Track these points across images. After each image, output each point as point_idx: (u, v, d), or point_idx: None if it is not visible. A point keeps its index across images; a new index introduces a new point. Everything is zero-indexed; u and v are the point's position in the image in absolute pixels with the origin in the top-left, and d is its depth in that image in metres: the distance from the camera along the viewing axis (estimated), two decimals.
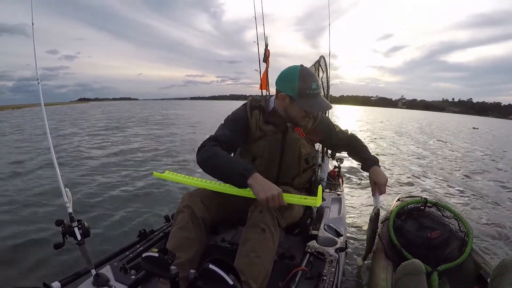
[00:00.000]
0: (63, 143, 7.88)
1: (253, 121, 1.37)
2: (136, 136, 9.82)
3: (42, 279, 0.99)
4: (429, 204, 1.74)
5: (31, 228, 2.71)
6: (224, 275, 0.77)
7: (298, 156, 1.42)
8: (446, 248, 1.51)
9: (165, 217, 1.65)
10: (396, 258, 1.50)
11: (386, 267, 1.45)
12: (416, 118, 39.32)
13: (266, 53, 2.96)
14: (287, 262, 1.44)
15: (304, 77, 1.26)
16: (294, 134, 1.40)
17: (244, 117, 1.38)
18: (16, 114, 27.20)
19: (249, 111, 1.39)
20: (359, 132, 11.25)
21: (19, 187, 3.91)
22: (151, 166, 5.32)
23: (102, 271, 1.06)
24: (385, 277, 1.37)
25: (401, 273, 1.21)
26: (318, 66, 2.70)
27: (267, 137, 1.38)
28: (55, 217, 1.00)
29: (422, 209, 1.75)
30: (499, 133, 23.22)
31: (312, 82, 1.26)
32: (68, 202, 1.03)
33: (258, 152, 1.38)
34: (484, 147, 11.49)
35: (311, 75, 1.29)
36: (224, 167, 1.18)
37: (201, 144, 1.28)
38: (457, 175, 5.82)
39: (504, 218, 3.49)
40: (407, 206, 1.76)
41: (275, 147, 1.39)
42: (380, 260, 1.53)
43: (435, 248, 1.51)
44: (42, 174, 4.49)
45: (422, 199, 1.78)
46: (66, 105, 58.13)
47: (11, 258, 2.24)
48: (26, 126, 14.05)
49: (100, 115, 22.68)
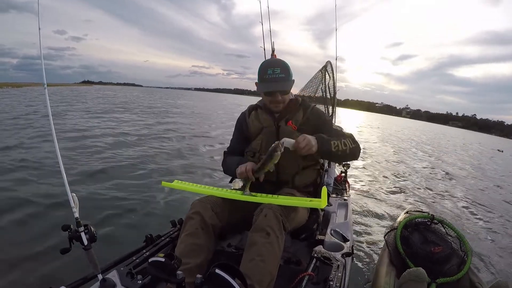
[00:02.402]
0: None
1: (250, 120, 1.58)
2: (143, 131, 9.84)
3: (49, 284, 0.99)
4: (436, 221, 1.82)
5: (37, 233, 2.73)
6: (230, 279, 0.77)
7: (293, 151, 1.42)
8: (446, 264, 1.61)
9: (171, 222, 1.65)
10: (400, 266, 1.60)
11: (390, 272, 1.53)
12: (427, 131, 37.87)
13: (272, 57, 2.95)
14: (294, 267, 1.43)
15: (263, 65, 1.46)
16: (287, 128, 1.47)
17: (242, 120, 1.64)
18: (13, 92, 25.38)
19: (248, 114, 1.62)
20: None
21: (26, 190, 3.94)
22: (160, 172, 5.34)
23: (108, 276, 1.06)
24: (389, 281, 1.45)
25: (405, 278, 1.30)
26: (325, 71, 2.71)
27: (264, 131, 1.52)
28: (62, 222, 1.01)
29: (429, 224, 1.83)
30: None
31: (269, 68, 1.42)
32: (74, 207, 1.04)
33: (257, 147, 1.50)
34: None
35: (270, 62, 1.47)
36: (231, 168, 1.52)
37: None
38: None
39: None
40: (415, 219, 1.84)
41: (271, 141, 1.42)
42: (384, 265, 1.60)
43: (436, 262, 1.61)
44: (49, 179, 4.53)
45: (429, 215, 1.85)
46: (68, 87, 55.78)
47: (18, 263, 2.25)
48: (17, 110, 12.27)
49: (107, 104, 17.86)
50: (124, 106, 17.94)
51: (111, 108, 15.96)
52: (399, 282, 1.33)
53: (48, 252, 2.37)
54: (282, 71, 1.41)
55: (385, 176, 6.08)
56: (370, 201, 4.23)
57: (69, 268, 2.06)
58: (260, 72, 1.45)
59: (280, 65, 1.43)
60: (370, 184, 5.34)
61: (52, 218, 3.09)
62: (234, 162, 1.53)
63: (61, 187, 1.20)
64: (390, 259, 1.64)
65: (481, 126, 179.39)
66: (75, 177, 4.46)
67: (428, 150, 13.25)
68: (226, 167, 1.64)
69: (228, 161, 1.63)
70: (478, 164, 12.29)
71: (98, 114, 12.84)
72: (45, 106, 1.16)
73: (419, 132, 25.78)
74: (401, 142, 14.65)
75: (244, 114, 1.64)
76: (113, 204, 3.56)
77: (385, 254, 1.71)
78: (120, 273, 1.11)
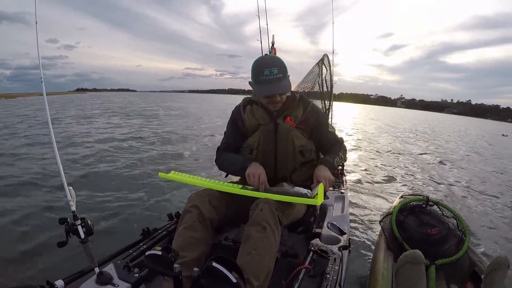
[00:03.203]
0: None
1: (246, 116, 1.51)
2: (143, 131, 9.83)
3: (46, 278, 0.99)
4: (431, 202, 1.81)
5: (34, 226, 2.73)
6: (227, 273, 0.77)
7: (292, 148, 1.43)
8: (444, 245, 1.59)
9: (168, 215, 1.65)
10: (397, 250, 1.59)
11: (388, 258, 1.53)
12: (429, 120, 37.31)
13: (272, 51, 2.93)
14: (290, 260, 1.44)
15: (258, 65, 1.36)
16: (285, 124, 1.44)
17: (237, 115, 1.55)
18: (6, 103, 25.49)
19: (242, 109, 1.54)
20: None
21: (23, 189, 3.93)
22: (155, 165, 5.33)
23: (105, 269, 1.06)
24: (387, 266, 1.45)
25: (402, 262, 1.28)
26: (322, 64, 2.69)
27: (261, 128, 1.47)
28: (58, 215, 1.00)
29: (424, 207, 1.82)
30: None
31: (265, 68, 1.33)
32: (71, 201, 1.03)
33: (254, 144, 1.47)
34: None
35: (265, 62, 1.36)
36: (232, 167, 1.53)
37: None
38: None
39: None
40: (409, 203, 1.83)
41: (269, 138, 1.43)
42: (382, 250, 1.60)
43: (433, 243, 1.60)
44: (46, 171, 4.51)
45: (424, 198, 1.84)
46: (62, 95, 54.25)
47: (15, 256, 2.25)
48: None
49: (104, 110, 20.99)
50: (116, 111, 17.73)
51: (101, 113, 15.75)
52: (397, 266, 1.33)
53: (45, 245, 2.38)
54: (280, 70, 1.34)
55: (386, 168, 6.10)
56: (368, 193, 4.26)
57: (66, 262, 2.06)
58: (255, 72, 1.36)
59: (276, 64, 1.35)
60: (368, 176, 5.36)
61: (49, 211, 3.09)
62: (235, 161, 1.49)
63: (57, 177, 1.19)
64: (387, 244, 1.64)
65: (477, 111, 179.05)
66: (73, 173, 4.46)
67: (434, 141, 12.95)
68: (222, 164, 1.58)
69: (225, 157, 1.56)
70: (491, 152, 11.51)
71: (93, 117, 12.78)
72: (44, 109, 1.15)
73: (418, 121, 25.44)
74: (407, 136, 14.44)
75: (239, 108, 1.56)
76: (110, 198, 3.56)
77: (382, 239, 1.71)
78: (117, 266, 1.11)
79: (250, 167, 1.39)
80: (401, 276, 1.28)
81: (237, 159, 1.50)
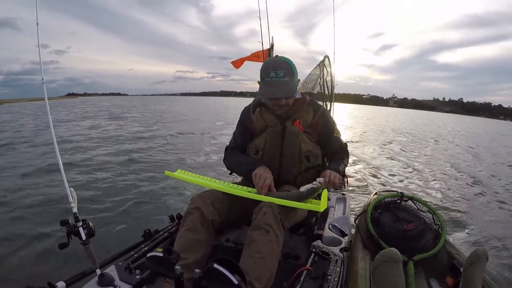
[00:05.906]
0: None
1: (255, 116, 1.51)
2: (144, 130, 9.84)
3: (47, 279, 0.99)
4: (405, 198, 1.79)
5: (36, 228, 2.73)
6: (229, 274, 0.76)
7: (298, 152, 1.43)
8: (421, 240, 1.57)
9: (169, 217, 1.65)
10: (374, 248, 1.56)
11: (364, 257, 1.50)
12: (429, 119, 36.69)
13: (271, 53, 2.94)
14: (292, 261, 1.44)
15: (266, 65, 1.37)
16: (293, 128, 1.43)
17: (246, 115, 1.56)
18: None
19: (252, 109, 1.54)
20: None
21: (24, 187, 3.93)
22: (155, 166, 5.33)
23: (107, 271, 1.06)
24: (364, 265, 1.41)
25: (379, 261, 1.25)
26: (323, 65, 2.70)
27: (268, 129, 1.46)
28: (60, 217, 1.00)
29: (399, 202, 1.79)
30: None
31: (272, 70, 1.33)
32: (73, 202, 1.03)
33: (260, 145, 1.47)
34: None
35: (273, 64, 1.36)
36: (240, 168, 1.55)
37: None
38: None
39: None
40: (384, 199, 1.80)
41: (275, 140, 1.43)
42: (358, 250, 1.57)
43: (410, 239, 1.58)
44: (47, 174, 4.51)
45: (398, 193, 1.82)
46: (53, 100, 51.57)
47: (16, 258, 2.25)
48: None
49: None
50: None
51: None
52: (374, 265, 1.30)
53: (47, 247, 2.37)
54: (287, 74, 1.32)
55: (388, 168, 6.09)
56: (368, 194, 4.25)
57: (67, 263, 2.06)
58: (263, 72, 1.36)
59: (284, 66, 1.33)
60: (369, 178, 5.35)
61: (50, 213, 3.09)
62: (244, 162, 1.50)
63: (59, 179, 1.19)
64: (363, 243, 1.60)
65: (469, 109, 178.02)
66: (73, 172, 4.46)
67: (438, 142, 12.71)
68: (231, 164, 1.60)
69: (234, 158, 1.57)
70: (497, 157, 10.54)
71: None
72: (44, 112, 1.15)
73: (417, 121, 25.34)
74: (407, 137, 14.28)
75: (249, 109, 1.56)
76: (111, 199, 3.56)
77: (358, 238, 1.67)
78: (118, 268, 1.11)
79: (259, 168, 1.39)
80: (379, 276, 1.26)
81: (247, 160, 1.50)
